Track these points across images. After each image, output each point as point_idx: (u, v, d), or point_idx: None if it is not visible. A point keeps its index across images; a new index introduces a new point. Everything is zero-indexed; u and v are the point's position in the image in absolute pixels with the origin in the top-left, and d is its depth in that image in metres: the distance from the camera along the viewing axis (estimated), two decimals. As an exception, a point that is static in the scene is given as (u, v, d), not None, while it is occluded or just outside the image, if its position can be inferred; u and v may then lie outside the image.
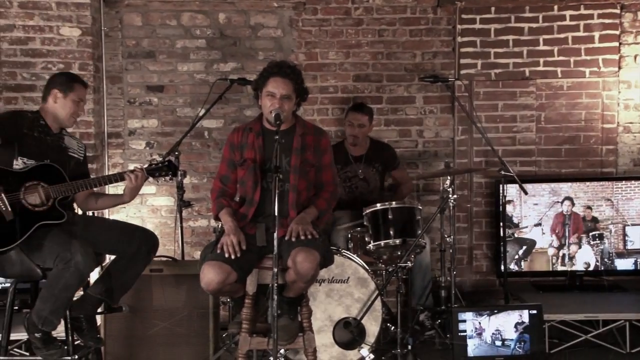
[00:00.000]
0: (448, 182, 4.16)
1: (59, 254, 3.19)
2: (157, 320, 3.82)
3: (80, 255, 3.19)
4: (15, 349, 3.92)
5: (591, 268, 4.78)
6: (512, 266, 4.80)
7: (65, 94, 3.47)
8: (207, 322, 3.84)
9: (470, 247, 5.17)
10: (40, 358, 3.34)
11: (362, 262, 3.92)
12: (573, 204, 4.78)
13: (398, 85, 5.13)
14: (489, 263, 5.15)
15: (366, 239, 4.09)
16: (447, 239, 4.42)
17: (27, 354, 3.91)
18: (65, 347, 3.35)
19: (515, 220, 4.82)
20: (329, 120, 5.11)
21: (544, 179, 4.97)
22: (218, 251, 3.21)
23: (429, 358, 4.04)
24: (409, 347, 3.87)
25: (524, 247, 4.82)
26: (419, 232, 4.00)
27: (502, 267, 4.56)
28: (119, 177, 3.50)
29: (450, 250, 4.42)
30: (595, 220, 4.79)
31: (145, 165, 3.58)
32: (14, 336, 3.57)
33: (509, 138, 5.12)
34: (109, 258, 3.65)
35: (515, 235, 4.81)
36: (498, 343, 3.87)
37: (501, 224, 4.49)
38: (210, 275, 3.13)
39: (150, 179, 3.58)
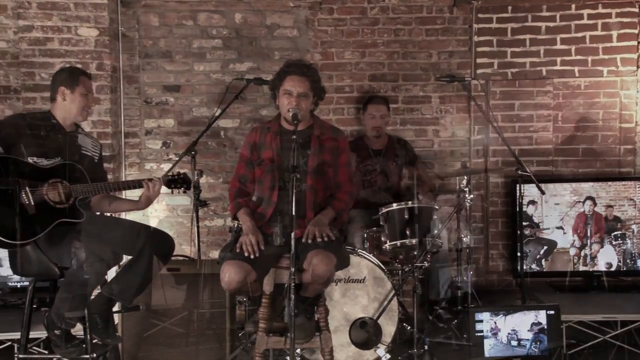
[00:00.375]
0: (464, 181, 4.16)
1: (77, 252, 3.22)
2: (173, 319, 3.83)
3: (98, 254, 3.22)
4: (34, 347, 3.94)
5: (613, 268, 4.73)
6: (533, 266, 4.77)
7: (72, 90, 3.48)
8: (223, 321, 3.85)
9: (487, 247, 5.14)
10: (59, 356, 3.38)
11: (378, 261, 3.91)
12: (595, 204, 4.74)
13: (414, 85, 5.11)
14: (505, 263, 5.13)
15: (382, 238, 4.09)
16: (464, 239, 4.41)
17: (46, 352, 3.93)
18: (84, 346, 3.37)
19: (536, 220, 4.79)
20: (345, 119, 5.10)
21: (561, 179, 4.93)
22: (237, 250, 3.22)
23: (445, 358, 4.03)
24: (426, 347, 3.86)
25: (545, 248, 4.78)
26: (436, 231, 3.99)
27: (519, 268, 4.53)
28: (137, 184, 3.54)
29: (467, 250, 4.41)
30: (617, 219, 4.74)
31: (163, 175, 3.64)
32: (33, 334, 3.59)
33: (526, 138, 5.10)
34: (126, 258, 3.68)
35: (537, 235, 4.78)
36: (514, 343, 3.85)
37: (518, 224, 4.46)
38: (230, 274, 3.14)
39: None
